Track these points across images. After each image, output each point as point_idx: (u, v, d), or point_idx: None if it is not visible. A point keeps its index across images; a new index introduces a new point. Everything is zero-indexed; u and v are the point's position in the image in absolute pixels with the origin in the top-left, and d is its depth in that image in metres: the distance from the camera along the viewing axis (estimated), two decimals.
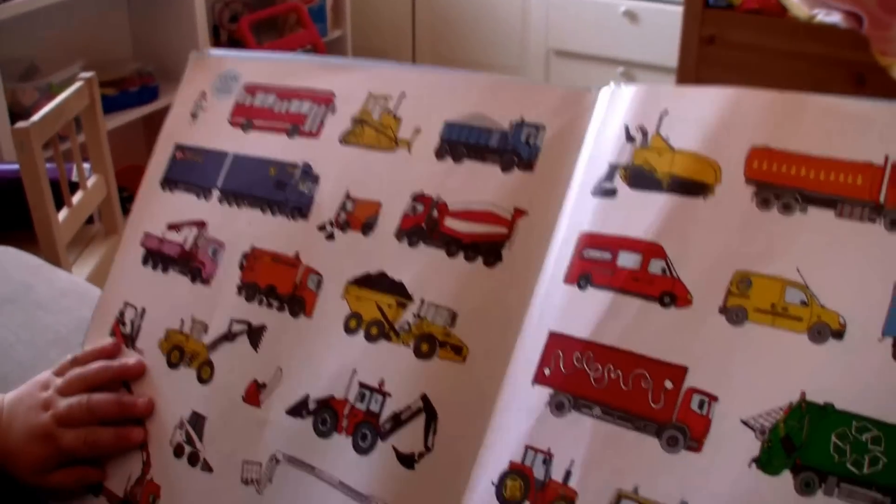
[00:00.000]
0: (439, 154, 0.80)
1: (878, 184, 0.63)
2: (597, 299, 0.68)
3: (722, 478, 0.61)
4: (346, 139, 0.86)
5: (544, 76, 3.67)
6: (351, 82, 0.88)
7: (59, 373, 0.89)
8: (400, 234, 0.79)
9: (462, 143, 0.79)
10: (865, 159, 0.64)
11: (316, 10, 3.46)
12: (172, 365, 0.86)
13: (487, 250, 0.75)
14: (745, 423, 0.61)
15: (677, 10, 3.07)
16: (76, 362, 0.90)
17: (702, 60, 3.07)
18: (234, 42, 3.20)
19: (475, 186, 0.77)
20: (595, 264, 0.69)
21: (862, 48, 2.78)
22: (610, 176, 0.72)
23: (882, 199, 0.63)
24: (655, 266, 0.67)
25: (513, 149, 0.77)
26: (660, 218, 0.68)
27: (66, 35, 2.98)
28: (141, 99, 3.00)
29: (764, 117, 0.68)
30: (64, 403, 0.85)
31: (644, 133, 0.71)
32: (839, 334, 0.61)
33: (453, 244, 0.76)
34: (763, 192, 0.66)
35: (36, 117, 1.90)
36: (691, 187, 0.68)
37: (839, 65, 2.86)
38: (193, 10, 2.95)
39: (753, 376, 0.62)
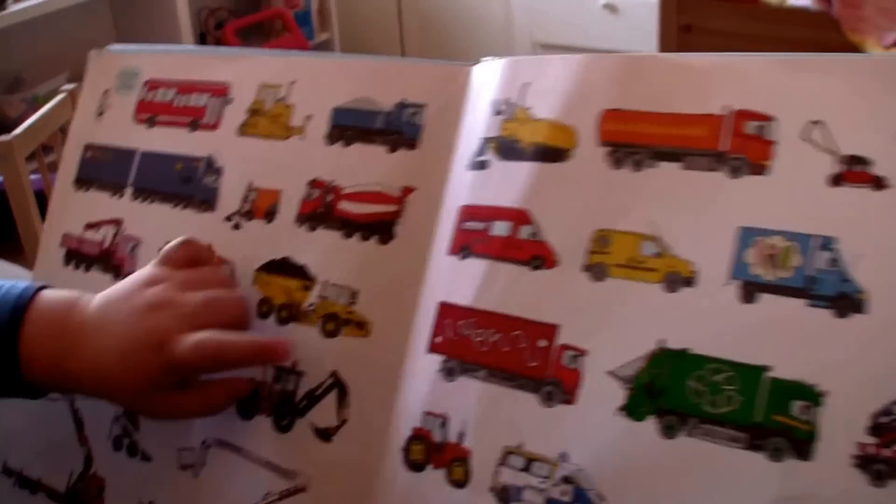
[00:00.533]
0: (330, 139, 0.83)
1: (719, 133, 0.66)
2: (475, 268, 0.72)
3: (594, 427, 0.64)
4: (243, 130, 0.88)
5: None
6: (244, 73, 0.90)
7: (167, 261, 0.78)
8: (299, 220, 0.82)
9: (350, 126, 0.82)
10: (706, 111, 0.67)
11: (301, 15, 3.50)
12: None
13: (380, 228, 0.78)
14: (610, 373, 0.65)
15: (655, 1, 3.11)
16: (189, 244, 0.80)
17: (681, 49, 3.11)
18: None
19: (365, 168, 0.80)
20: (473, 235, 0.72)
21: (833, 28, 2.82)
22: (482, 149, 0.74)
23: (724, 147, 0.66)
24: (524, 232, 0.70)
25: (397, 129, 0.80)
26: (525, 185, 0.71)
27: (51, 46, 3.02)
28: None
29: (613, 80, 0.71)
30: (193, 298, 0.73)
31: (510, 105, 0.74)
32: (690, 282, 0.64)
33: (349, 225, 0.79)
34: (615, 151, 0.69)
35: (18, 130, 1.93)
36: (551, 153, 0.71)
37: (813, 46, 2.89)
38: (178, 19, 2.99)
39: (617, 329, 0.66)
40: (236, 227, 0.85)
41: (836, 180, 0.62)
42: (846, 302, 0.60)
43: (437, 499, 0.69)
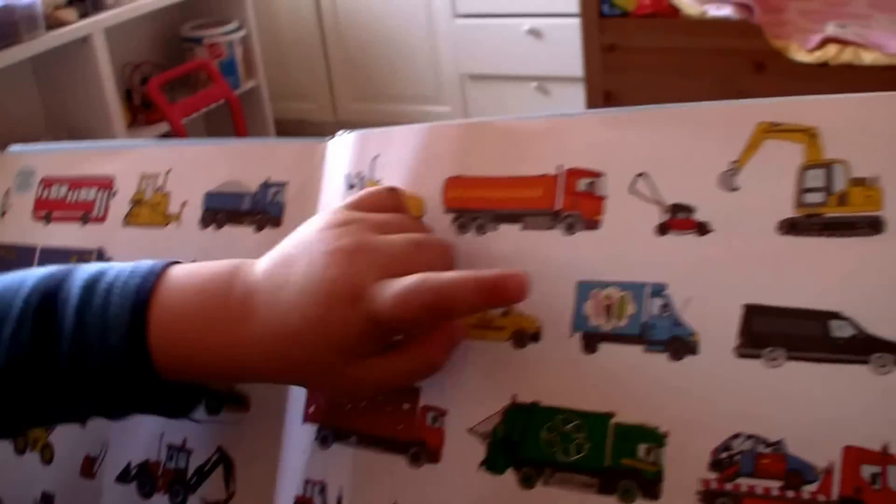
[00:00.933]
0: (203, 223, 0.85)
1: (553, 192, 0.69)
2: None
3: (459, 483, 0.67)
4: (128, 220, 0.90)
5: (461, 101, 3.74)
6: (127, 165, 0.93)
7: (358, 205, 0.69)
8: None
9: (220, 209, 0.85)
10: (541, 172, 0.70)
11: (226, 64, 3.51)
12: (19, 451, 0.90)
13: None
14: (471, 430, 0.68)
15: (578, 23, 3.16)
16: (395, 192, 0.71)
17: (606, 69, 3.16)
18: (148, 104, 3.25)
19: (235, 249, 0.83)
20: None
21: (756, 36, 2.87)
22: None
23: (558, 205, 0.69)
24: None
25: (262, 209, 0.82)
26: None
27: None
28: None
29: (454, 148, 0.74)
30: (394, 241, 0.63)
31: (361, 178, 0.77)
32: (536, 337, 0.67)
33: None
34: (460, 217, 0.72)
35: None
36: None
37: (738, 55, 2.97)
38: (101, 79, 2.99)
39: (473, 387, 0.68)
40: None
41: (663, 229, 0.65)
42: (679, 345, 0.63)
43: None
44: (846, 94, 0.63)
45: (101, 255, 0.91)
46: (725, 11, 2.93)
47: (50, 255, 0.95)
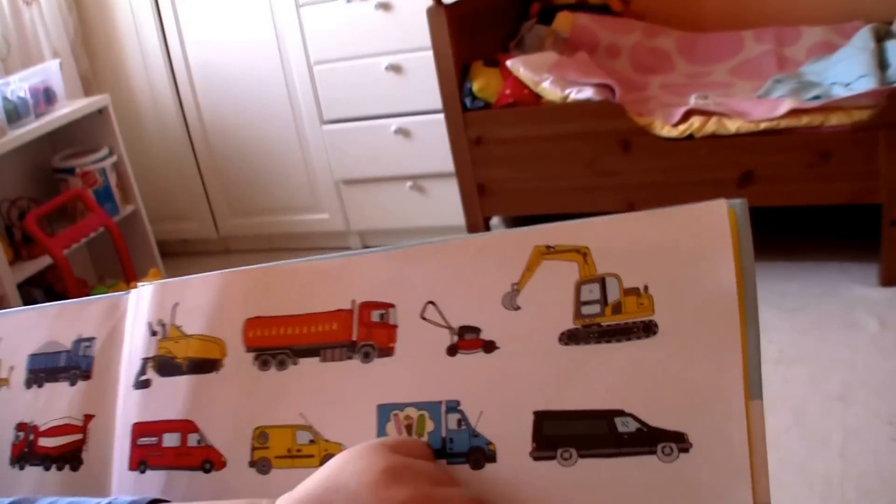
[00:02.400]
0: (28, 384, 0.88)
1: (349, 325, 0.74)
2: (155, 480, 0.77)
3: None
4: None
5: (339, 206, 3.77)
6: None
7: (401, 448, 0.67)
8: (12, 462, 0.86)
9: (42, 369, 0.88)
10: (337, 307, 0.75)
11: (102, 191, 3.49)
12: None
13: (71, 457, 0.83)
14: None
15: (443, 118, 3.20)
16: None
17: (475, 161, 3.20)
18: (29, 239, 3.23)
19: (55, 404, 0.86)
20: (148, 449, 0.78)
21: (619, 115, 2.93)
22: (143, 369, 0.81)
23: (354, 336, 0.73)
24: (192, 439, 0.76)
25: (76, 364, 0.86)
26: (186, 397, 0.78)
27: None
28: None
29: (251, 291, 0.78)
30: (455, 494, 0.64)
31: (163, 326, 0.81)
32: None
33: (47, 459, 0.84)
34: (261, 355, 0.76)
35: None
36: (204, 365, 0.78)
37: (604, 136, 3.01)
38: None
39: None
40: None
41: (453, 350, 0.70)
42: (479, 454, 0.67)
43: None
44: (613, 215, 0.69)
45: None
46: (587, 94, 2.97)
47: None
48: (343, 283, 0.75)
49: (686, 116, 2.89)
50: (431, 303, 0.72)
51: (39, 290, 3.33)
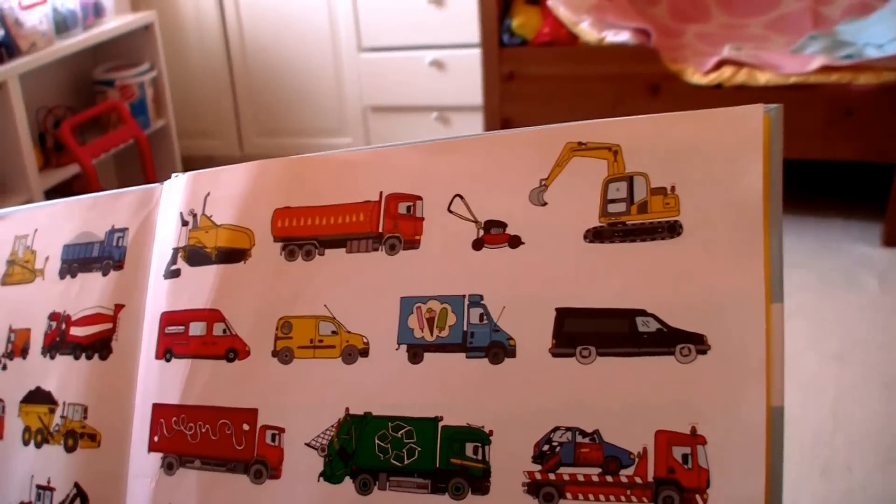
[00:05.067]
0: (61, 274, 0.90)
1: (376, 217, 0.74)
2: (180, 368, 0.78)
3: (300, 496, 0.72)
4: (5, 280, 0.95)
5: (364, 132, 3.76)
6: (4, 230, 0.98)
7: None
8: (44, 352, 0.89)
9: (75, 259, 0.90)
10: (365, 199, 0.75)
11: (137, 104, 3.50)
12: None
13: (101, 346, 0.85)
14: (308, 445, 0.72)
15: (479, 53, 3.19)
16: None
17: (504, 97, 3.19)
18: (60, 147, 3.25)
19: (87, 294, 0.87)
20: (174, 337, 0.79)
21: (654, 60, 2.91)
22: (174, 259, 0.82)
23: (381, 228, 0.74)
24: (218, 329, 0.77)
25: (108, 254, 0.87)
26: (214, 287, 0.79)
27: None
28: None
29: (281, 182, 0.79)
30: None
31: (194, 216, 0.82)
32: (365, 352, 0.72)
33: (77, 348, 0.86)
34: (288, 245, 0.77)
35: None
36: (233, 255, 0.79)
37: (634, 79, 2.99)
38: (15, 123, 2.98)
39: (308, 404, 0.73)
40: (3, 367, 0.92)
41: (478, 244, 0.70)
42: (499, 349, 0.68)
43: None
44: (644, 115, 0.69)
45: None
46: (623, 37, 2.95)
47: None
48: (371, 174, 0.75)
49: (718, 66, 2.86)
50: (459, 196, 0.72)
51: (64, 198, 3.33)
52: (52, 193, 3.16)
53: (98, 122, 3.55)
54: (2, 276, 0.96)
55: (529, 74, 3.14)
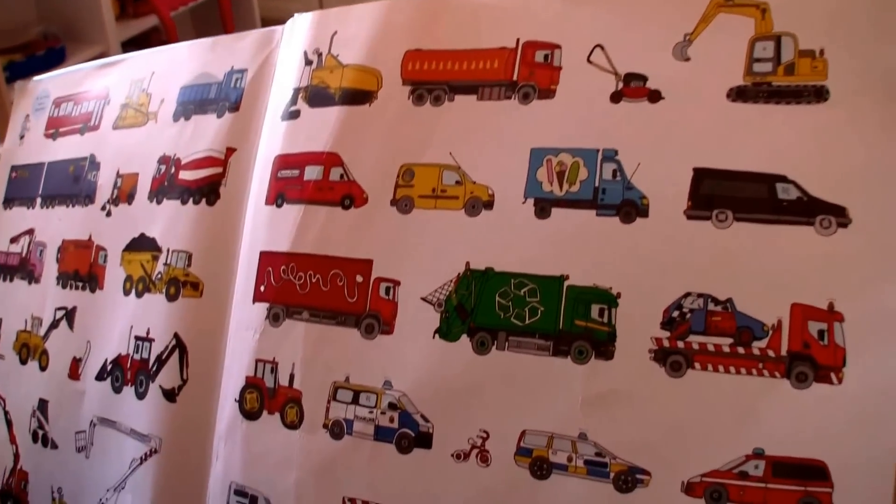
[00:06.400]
0: (175, 117, 0.88)
1: (511, 64, 0.71)
2: (291, 214, 0.76)
3: (413, 353, 0.69)
4: (116, 125, 0.94)
5: None
6: (120, 74, 0.97)
7: None
8: (151, 196, 0.87)
9: (191, 101, 0.87)
10: (500, 45, 0.71)
11: None
12: (23, 361, 0.94)
13: (209, 191, 0.82)
14: (424, 299, 0.69)
15: None
16: None
17: None
18: None
19: (200, 137, 0.85)
20: (287, 182, 0.77)
21: None
22: (294, 99, 0.79)
23: (515, 76, 0.70)
24: (335, 174, 0.74)
25: (225, 96, 0.84)
26: (335, 129, 0.76)
27: None
28: (48, 62, 2.93)
29: (412, 23, 0.75)
30: None
31: (319, 55, 0.79)
32: (490, 205, 0.69)
33: (185, 193, 0.84)
34: (417, 89, 0.73)
35: None
36: (358, 96, 0.75)
37: None
38: None
39: (426, 257, 0.70)
40: (108, 214, 0.91)
41: (616, 97, 0.67)
42: (631, 208, 0.64)
43: (275, 443, 0.73)
44: None
45: (92, 161, 0.95)
46: None
47: (54, 168, 1.00)
48: (508, 20, 0.71)
49: None
50: (599, 46, 0.68)
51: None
52: (129, 45, 3.13)
53: None
54: (113, 120, 0.94)
55: None
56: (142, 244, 0.86)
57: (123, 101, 0.93)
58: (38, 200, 0.99)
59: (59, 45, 2.93)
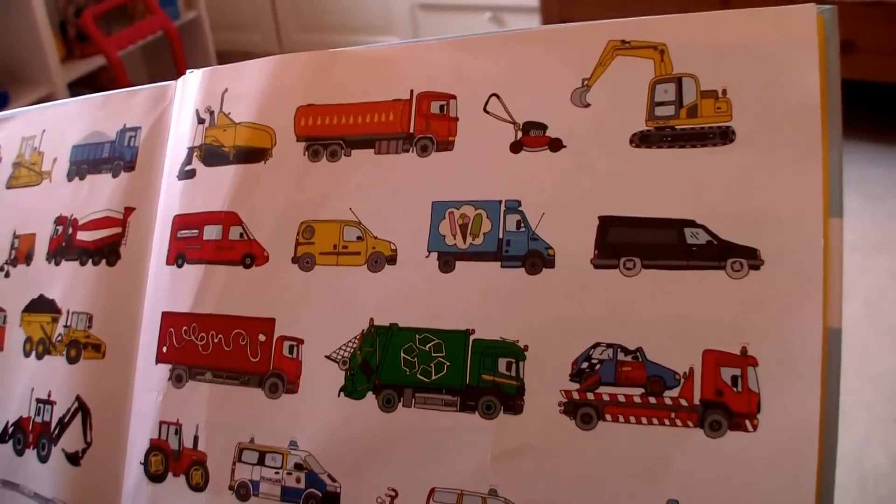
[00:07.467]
0: (70, 176, 0.86)
1: (407, 116, 0.69)
2: (192, 274, 0.74)
3: (318, 411, 0.67)
4: (9, 184, 0.92)
5: (412, 31, 3.68)
6: (11, 131, 0.94)
7: None
8: (49, 257, 0.85)
9: (84, 160, 0.85)
10: (394, 97, 0.70)
11: None
12: None
13: (109, 252, 0.81)
14: (328, 357, 0.68)
15: None
16: None
17: (563, 10, 3.10)
18: (83, 37, 3.18)
19: (96, 197, 0.83)
20: (187, 242, 0.75)
21: None
22: (189, 159, 0.77)
23: (412, 128, 0.69)
24: (234, 233, 0.73)
25: (119, 155, 0.83)
26: (231, 188, 0.74)
27: None
28: None
29: (305, 78, 0.74)
30: None
31: (211, 113, 0.77)
32: (392, 260, 0.67)
33: (84, 254, 0.82)
34: (312, 145, 0.72)
35: None
36: (252, 154, 0.74)
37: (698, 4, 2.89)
38: (33, 11, 2.91)
39: (329, 314, 0.69)
40: (7, 275, 0.89)
41: (517, 147, 0.66)
42: (537, 259, 0.63)
43: None
44: (693, 13, 0.64)
45: None
46: None
47: None
48: (402, 71, 0.70)
49: None
50: (496, 95, 0.67)
51: (90, 90, 3.29)
52: (78, 85, 3.10)
53: (125, 11, 3.47)
54: (7, 179, 0.92)
55: None
56: (41, 306, 0.84)
57: (15, 159, 0.91)
58: None
59: (2, 89, 2.89)
